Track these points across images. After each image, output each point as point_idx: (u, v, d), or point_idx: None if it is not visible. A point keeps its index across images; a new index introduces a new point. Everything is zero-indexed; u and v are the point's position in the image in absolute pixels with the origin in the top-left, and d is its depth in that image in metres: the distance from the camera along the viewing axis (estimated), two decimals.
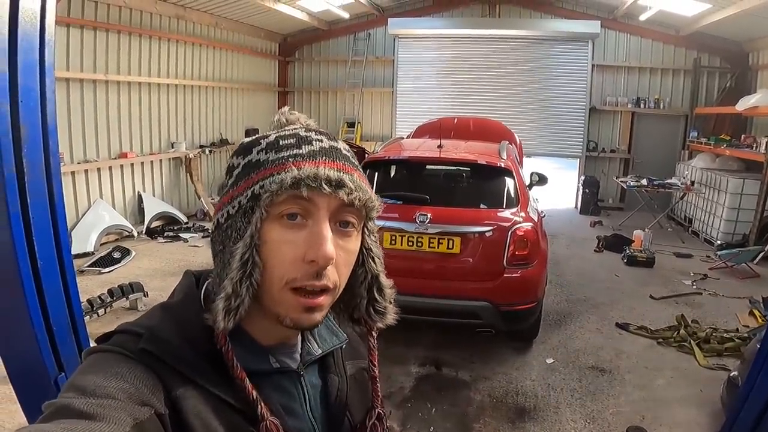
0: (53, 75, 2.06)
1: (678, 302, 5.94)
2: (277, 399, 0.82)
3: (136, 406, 0.66)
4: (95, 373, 0.69)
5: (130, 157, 8.06)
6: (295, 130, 0.81)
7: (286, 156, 0.76)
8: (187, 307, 0.80)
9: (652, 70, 11.16)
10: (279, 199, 0.73)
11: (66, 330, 2.30)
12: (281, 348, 0.84)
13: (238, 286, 0.73)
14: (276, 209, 0.74)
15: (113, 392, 0.66)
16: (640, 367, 4.49)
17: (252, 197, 0.75)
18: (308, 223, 0.74)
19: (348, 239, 0.78)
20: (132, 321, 0.79)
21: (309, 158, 0.75)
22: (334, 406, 0.90)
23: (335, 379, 0.91)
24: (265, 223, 0.74)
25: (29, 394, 2.31)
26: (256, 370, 0.79)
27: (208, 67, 10.01)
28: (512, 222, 4.20)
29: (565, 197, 11.96)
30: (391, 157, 4.98)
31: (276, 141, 0.79)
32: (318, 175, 0.73)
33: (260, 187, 0.74)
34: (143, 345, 0.73)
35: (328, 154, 0.77)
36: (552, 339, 4.98)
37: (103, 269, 6.31)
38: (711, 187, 8.69)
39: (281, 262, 0.74)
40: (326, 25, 12.19)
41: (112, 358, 0.72)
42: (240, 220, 0.76)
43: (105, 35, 7.45)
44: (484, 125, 7.35)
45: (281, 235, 0.74)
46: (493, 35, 11.39)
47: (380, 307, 0.88)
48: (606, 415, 3.79)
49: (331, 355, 0.93)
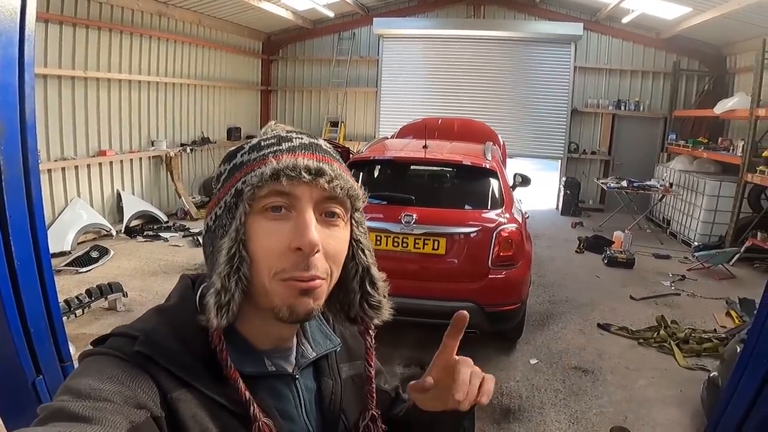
0: (33, 71, 2.01)
1: (657, 303, 6.01)
2: (273, 402, 0.82)
3: (132, 409, 0.66)
4: (91, 376, 0.69)
5: (109, 155, 7.92)
6: (277, 132, 0.83)
7: (266, 152, 0.77)
8: (182, 310, 0.81)
9: (633, 73, 11.31)
10: (261, 192, 0.74)
11: (44, 332, 2.24)
12: (277, 351, 0.85)
13: (226, 280, 0.73)
14: (259, 203, 0.75)
15: (109, 395, 0.66)
16: (621, 367, 4.53)
17: (235, 193, 0.76)
18: (292, 214, 0.75)
19: (335, 228, 0.79)
20: (128, 324, 0.80)
21: (288, 152, 0.77)
22: (329, 409, 0.90)
23: (329, 383, 0.92)
24: (250, 217, 0.75)
25: (6, 398, 2.25)
26: (251, 374, 0.80)
27: (190, 65, 9.89)
28: (497, 223, 4.21)
29: (546, 198, 12.05)
30: (376, 158, 4.96)
31: (258, 143, 0.81)
32: (297, 165, 0.74)
33: (242, 183, 0.76)
34: (139, 348, 0.73)
35: (308, 148, 0.79)
36: (535, 339, 5.00)
37: (80, 269, 6.18)
38: (689, 189, 8.82)
39: (269, 254, 0.75)
40: (311, 24, 12.13)
41: (107, 360, 0.72)
42: (225, 217, 0.77)
43: (85, 31, 7.31)
44: (468, 126, 7.36)
45: (266, 227, 0.75)
46: (477, 36, 11.46)
47: (374, 302, 0.88)
48: (590, 415, 3.81)
49: (326, 359, 0.93)
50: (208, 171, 10.50)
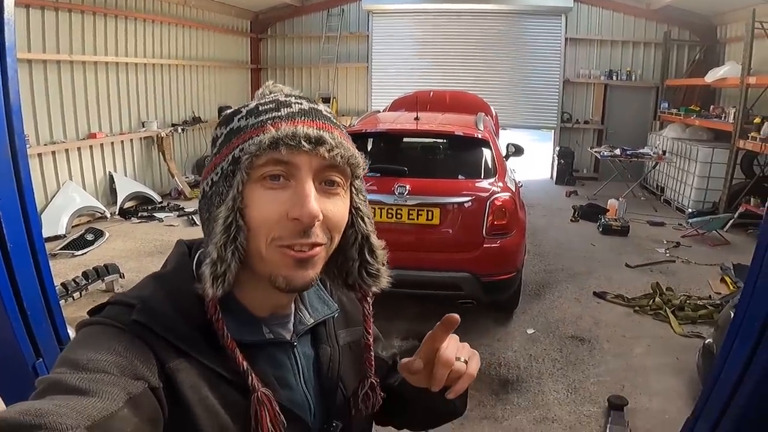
0: (14, 55, 1.99)
1: (652, 270, 6.06)
2: (271, 371, 0.81)
3: (130, 380, 0.65)
4: (88, 347, 0.68)
5: (100, 137, 7.83)
6: (275, 96, 0.80)
7: (264, 119, 0.75)
8: (179, 277, 0.80)
9: (624, 43, 11.26)
10: (259, 161, 0.72)
11: (41, 314, 2.25)
12: (274, 318, 0.84)
13: (222, 250, 0.72)
14: (257, 171, 0.73)
15: (106, 366, 0.65)
16: (618, 335, 4.58)
17: (233, 161, 0.74)
18: (291, 183, 0.74)
19: (335, 197, 0.78)
20: (124, 292, 0.79)
21: (287, 119, 0.74)
22: (326, 376, 0.90)
23: (327, 350, 0.91)
24: (247, 185, 0.74)
25: (8, 382, 2.25)
26: (249, 342, 0.79)
27: (178, 46, 9.74)
28: (490, 192, 4.21)
29: (540, 168, 12.10)
30: (368, 130, 4.93)
31: (256, 107, 0.78)
32: (296, 133, 0.72)
33: (240, 150, 0.74)
34: (136, 317, 0.72)
35: (308, 114, 0.76)
36: (532, 309, 5.04)
37: (76, 252, 6.17)
38: (682, 157, 8.85)
39: (266, 222, 0.73)
40: (299, 2, 11.96)
41: (104, 330, 0.71)
42: (222, 184, 0.75)
43: (68, 15, 7.17)
44: (460, 98, 7.33)
45: (264, 195, 0.73)
46: (468, 9, 11.34)
47: (373, 270, 0.86)
48: (587, 384, 3.85)
49: (323, 326, 0.92)
50: (200, 150, 10.43)
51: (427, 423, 1.06)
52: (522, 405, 3.61)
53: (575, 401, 3.66)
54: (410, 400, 0.96)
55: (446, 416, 1.01)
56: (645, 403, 3.61)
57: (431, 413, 1.01)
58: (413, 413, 1.02)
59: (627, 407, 3.48)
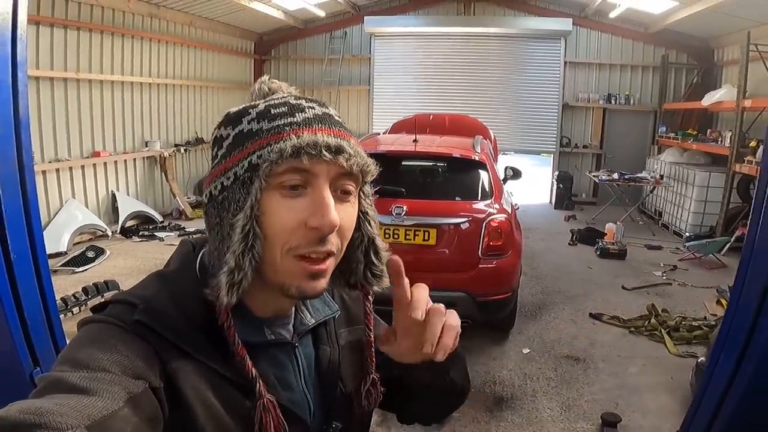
0: (26, 70, 2.06)
1: (649, 292, 6.09)
2: (273, 372, 0.82)
3: (131, 380, 0.65)
4: (89, 345, 0.68)
5: (103, 155, 7.95)
6: (285, 98, 0.79)
7: (281, 124, 0.74)
8: (182, 277, 0.80)
9: (623, 67, 11.41)
10: (279, 169, 0.72)
11: (41, 324, 2.28)
12: (276, 320, 0.85)
13: (240, 259, 0.72)
14: (276, 179, 0.73)
15: (107, 365, 0.65)
16: (613, 355, 4.60)
17: (249, 168, 0.73)
18: (308, 191, 0.74)
19: (348, 204, 0.78)
20: (127, 290, 0.79)
21: (305, 126, 0.74)
22: (326, 377, 0.90)
23: (327, 350, 0.91)
24: (264, 193, 0.73)
25: (5, 390, 2.29)
26: (251, 343, 0.79)
27: (183, 66, 9.93)
28: (486, 213, 4.27)
29: (540, 193, 12.17)
30: (367, 151, 5.00)
31: (267, 110, 0.77)
32: (318, 142, 0.72)
33: (258, 157, 0.73)
34: (138, 317, 0.72)
35: (323, 121, 0.76)
36: (528, 329, 5.07)
37: (76, 268, 6.23)
38: (679, 181, 8.91)
39: (282, 230, 0.73)
40: (302, 24, 12.17)
41: (106, 329, 0.71)
42: (238, 191, 0.74)
43: (76, 33, 7.34)
44: (459, 121, 7.43)
45: (281, 203, 0.73)
46: (469, 33, 11.54)
47: (377, 271, 0.87)
48: (581, 402, 3.88)
49: (324, 326, 0.93)
50: (202, 171, 10.53)
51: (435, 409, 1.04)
52: (516, 422, 3.63)
53: (569, 418, 3.68)
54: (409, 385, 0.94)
55: (449, 396, 0.99)
56: (638, 421, 3.62)
57: (433, 394, 0.97)
58: (418, 398, 0.99)
59: (620, 424, 3.50)
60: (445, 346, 0.81)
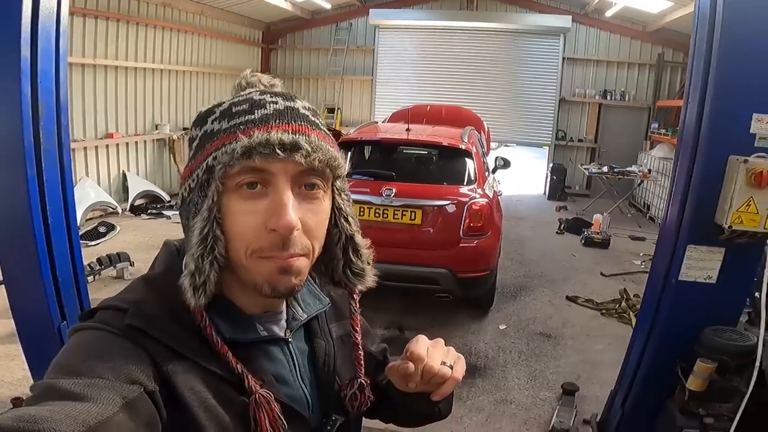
0: (66, 61, 2.43)
1: (625, 279, 6.45)
2: (270, 368, 0.81)
3: (125, 385, 0.64)
4: (82, 352, 0.68)
5: (116, 137, 8.36)
6: (250, 94, 0.77)
7: (237, 123, 0.72)
8: (168, 280, 0.77)
9: (619, 64, 11.66)
10: (233, 170, 0.70)
11: (69, 282, 2.61)
12: (267, 316, 0.84)
13: (200, 261, 0.71)
14: (232, 180, 0.71)
15: (101, 371, 0.64)
16: (582, 334, 4.98)
17: (206, 170, 0.72)
18: (269, 190, 0.72)
19: (315, 201, 0.76)
20: (115, 296, 0.77)
21: (261, 123, 0.72)
22: (323, 371, 0.89)
23: (322, 344, 0.91)
24: (224, 194, 0.72)
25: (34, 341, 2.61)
26: (244, 340, 0.79)
27: (193, 53, 10.28)
28: (469, 197, 4.65)
29: (534, 184, 12.50)
30: (363, 138, 5.42)
31: (229, 108, 0.75)
32: (270, 141, 0.69)
33: (213, 159, 0.72)
34: (129, 321, 0.71)
35: (282, 116, 0.73)
36: (507, 308, 5.46)
37: (89, 242, 6.61)
38: (667, 176, 9.20)
39: (243, 233, 0.72)
40: (309, 15, 12.48)
41: (98, 335, 0.70)
42: (197, 194, 0.74)
43: (94, 22, 7.74)
44: (455, 112, 7.75)
45: (241, 205, 0.72)
46: (471, 27, 11.80)
47: (357, 269, 0.86)
48: (547, 374, 4.26)
49: (317, 320, 0.92)
50: None
51: (413, 422, 1.07)
52: (485, 388, 4.02)
53: (534, 387, 4.06)
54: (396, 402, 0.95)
55: (430, 419, 1.00)
56: (595, 391, 3.96)
57: (416, 415, 1.00)
58: (399, 413, 1.02)
59: (577, 393, 3.87)
60: (444, 394, 0.86)
